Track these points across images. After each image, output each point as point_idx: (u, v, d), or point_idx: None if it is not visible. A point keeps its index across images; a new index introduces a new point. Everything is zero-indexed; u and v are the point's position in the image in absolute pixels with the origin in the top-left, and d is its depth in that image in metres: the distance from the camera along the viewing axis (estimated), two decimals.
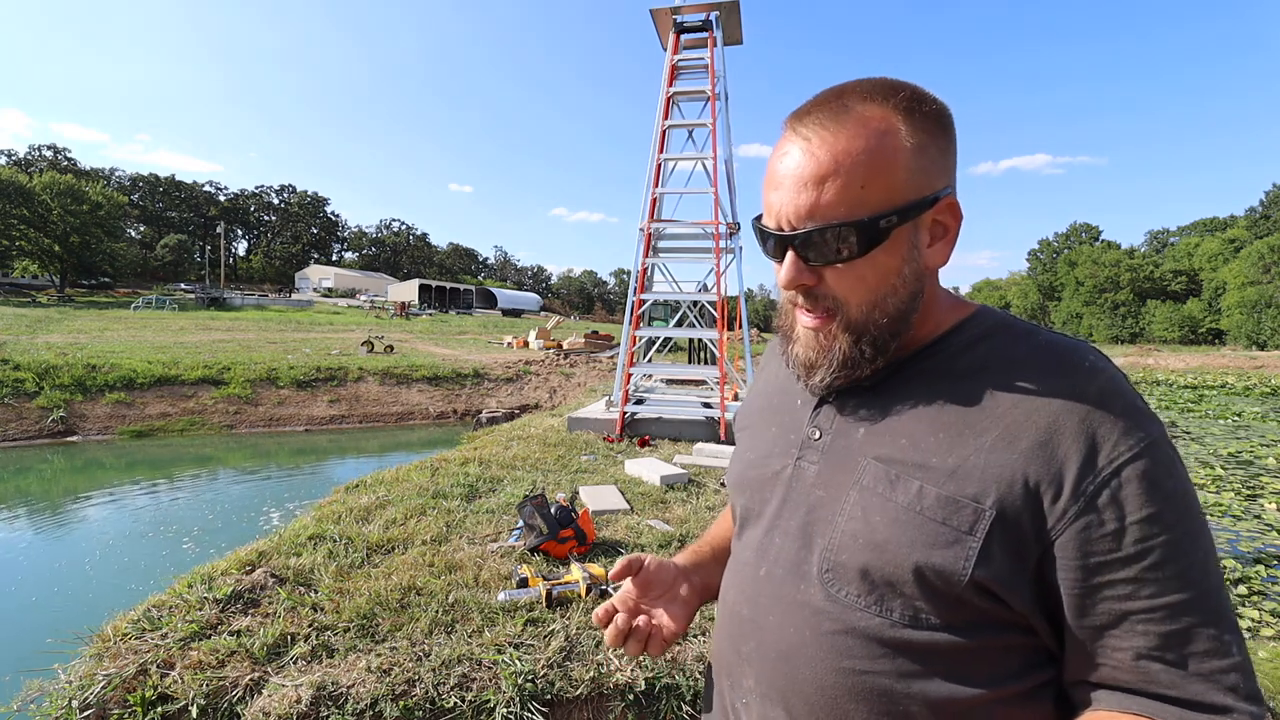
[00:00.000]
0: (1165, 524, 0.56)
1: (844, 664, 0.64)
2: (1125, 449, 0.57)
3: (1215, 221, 65.23)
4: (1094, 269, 58.50)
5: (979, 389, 0.64)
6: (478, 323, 39.00)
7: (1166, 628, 0.55)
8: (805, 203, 0.62)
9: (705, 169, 7.85)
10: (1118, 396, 0.60)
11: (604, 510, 4.22)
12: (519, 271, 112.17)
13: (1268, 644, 3.37)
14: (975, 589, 0.59)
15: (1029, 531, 0.58)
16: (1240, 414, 12.82)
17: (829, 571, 0.66)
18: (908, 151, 0.62)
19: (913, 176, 0.62)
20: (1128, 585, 0.56)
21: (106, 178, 68.74)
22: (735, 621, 0.76)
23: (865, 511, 0.65)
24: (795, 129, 0.64)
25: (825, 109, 0.63)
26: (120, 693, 2.14)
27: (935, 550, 0.60)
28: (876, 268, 0.64)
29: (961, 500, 0.60)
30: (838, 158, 0.61)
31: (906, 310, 0.66)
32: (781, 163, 0.64)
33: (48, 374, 12.53)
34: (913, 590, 0.61)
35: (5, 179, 36.80)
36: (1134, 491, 0.56)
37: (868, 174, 0.61)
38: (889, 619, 0.63)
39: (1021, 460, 0.58)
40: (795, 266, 0.65)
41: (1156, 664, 0.55)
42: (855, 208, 0.61)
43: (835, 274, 0.65)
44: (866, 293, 0.65)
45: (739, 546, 0.81)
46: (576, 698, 2.23)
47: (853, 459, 0.68)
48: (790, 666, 0.67)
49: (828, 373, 0.69)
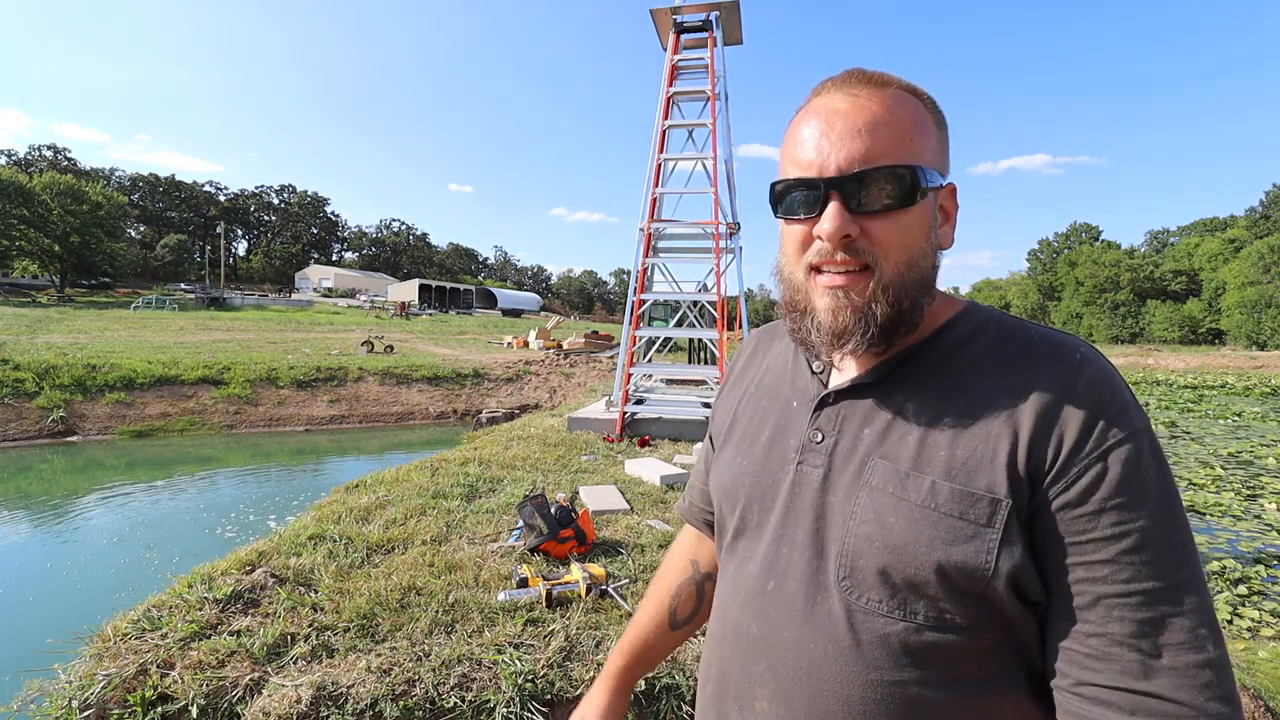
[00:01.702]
0: (1145, 511, 0.56)
1: (870, 675, 0.62)
2: (1112, 435, 0.58)
3: (1215, 221, 65.18)
4: (1094, 269, 58.47)
5: (978, 382, 0.65)
6: (478, 323, 39.00)
7: (1141, 614, 0.55)
8: (860, 147, 0.62)
9: (705, 169, 7.86)
10: (1106, 387, 0.61)
11: (604, 510, 4.22)
12: (519, 271, 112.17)
13: (1268, 644, 3.37)
14: (999, 582, 0.59)
15: (1026, 516, 0.59)
16: (1240, 414, 12.82)
17: (847, 579, 0.64)
18: (934, 129, 0.67)
19: (937, 151, 0.67)
20: (1104, 566, 0.56)
21: (106, 178, 68.75)
22: (743, 641, 0.72)
23: (879, 513, 0.64)
24: (839, 88, 0.66)
25: (866, 78, 0.66)
26: (120, 693, 2.14)
27: (956, 546, 0.59)
28: (914, 224, 0.65)
29: (976, 493, 0.60)
30: (890, 108, 0.64)
31: (929, 281, 0.67)
32: (825, 117, 0.65)
33: (48, 374, 12.52)
34: (936, 590, 0.60)
35: (5, 179, 36.79)
36: (1116, 475, 0.57)
37: (914, 130, 0.64)
38: (914, 623, 0.61)
39: (1023, 449, 0.60)
40: (841, 214, 0.63)
41: (1130, 652, 0.55)
42: (905, 156, 0.63)
43: (880, 224, 0.63)
44: (905, 249, 0.64)
45: (735, 561, 0.77)
46: (576, 698, 2.23)
47: (859, 459, 0.67)
48: (812, 684, 0.64)
49: (862, 338, 0.65)
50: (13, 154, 62.52)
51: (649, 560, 3.32)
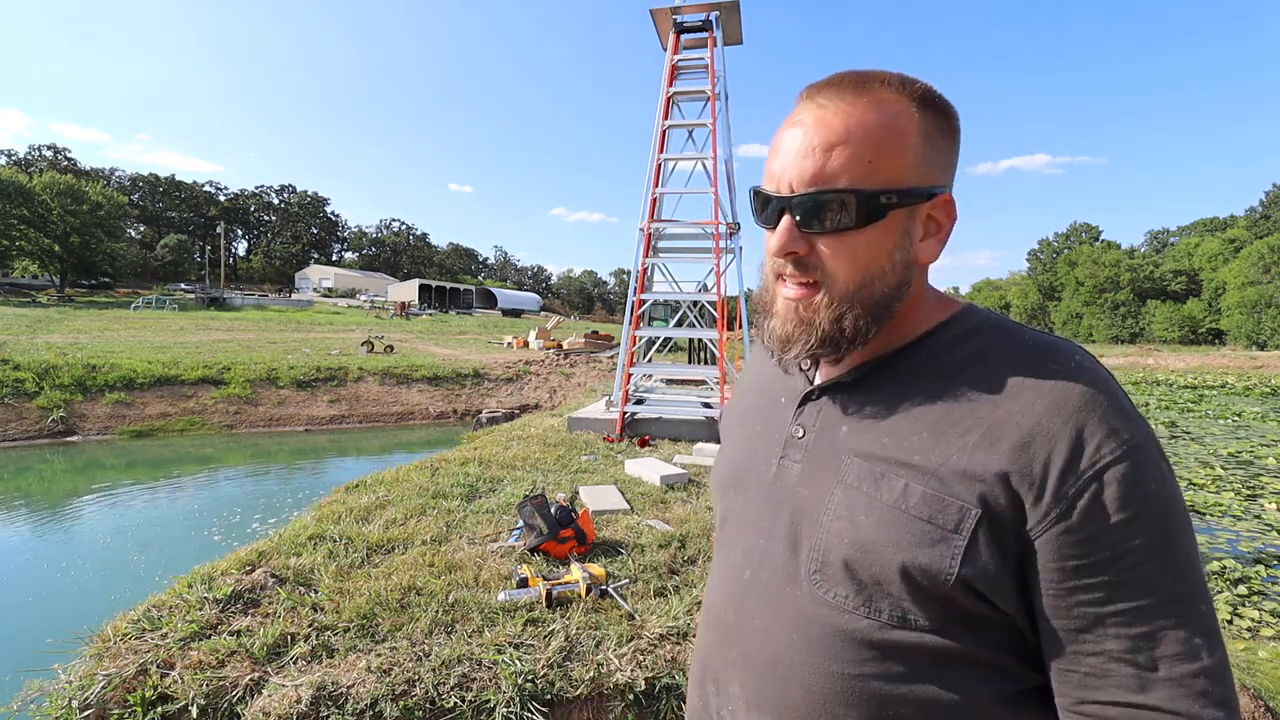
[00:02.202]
0: (1142, 529, 0.55)
1: (833, 668, 0.63)
2: (1108, 451, 0.56)
3: (1215, 221, 65.14)
4: (1094, 269, 58.44)
5: (963, 386, 0.64)
6: (478, 323, 39.00)
7: (1136, 630, 0.55)
8: (811, 167, 0.62)
9: (705, 169, 7.86)
10: (1102, 397, 0.59)
11: (604, 510, 4.22)
12: (519, 271, 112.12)
13: (1268, 644, 3.37)
14: (962, 588, 0.59)
15: (1010, 531, 0.58)
16: (1240, 414, 12.81)
17: (816, 573, 0.65)
18: (917, 138, 0.63)
19: (918, 163, 0.63)
20: (1102, 589, 0.56)
21: (106, 178, 68.68)
22: (720, 627, 0.74)
23: (851, 510, 0.64)
24: (812, 98, 0.65)
25: (844, 83, 0.64)
26: (120, 693, 2.14)
27: (921, 549, 0.59)
28: (869, 245, 0.63)
29: (946, 499, 0.59)
30: (850, 128, 0.61)
31: (890, 298, 0.66)
32: (792, 129, 0.64)
33: (48, 374, 12.52)
34: (900, 590, 0.61)
35: (5, 179, 36.77)
36: (1114, 495, 0.55)
37: (877, 149, 0.61)
38: (878, 620, 0.62)
39: (1005, 459, 0.58)
40: (790, 232, 0.64)
41: (1127, 667, 0.55)
42: (860, 179, 0.61)
43: (828, 244, 0.64)
44: (855, 269, 0.64)
45: (723, 550, 0.80)
46: (576, 698, 2.23)
47: (836, 457, 0.68)
48: (778, 672, 0.66)
49: (804, 348, 0.67)
50: (13, 154, 62.49)
51: (649, 560, 3.32)
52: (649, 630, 2.58)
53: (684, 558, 3.43)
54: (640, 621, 2.65)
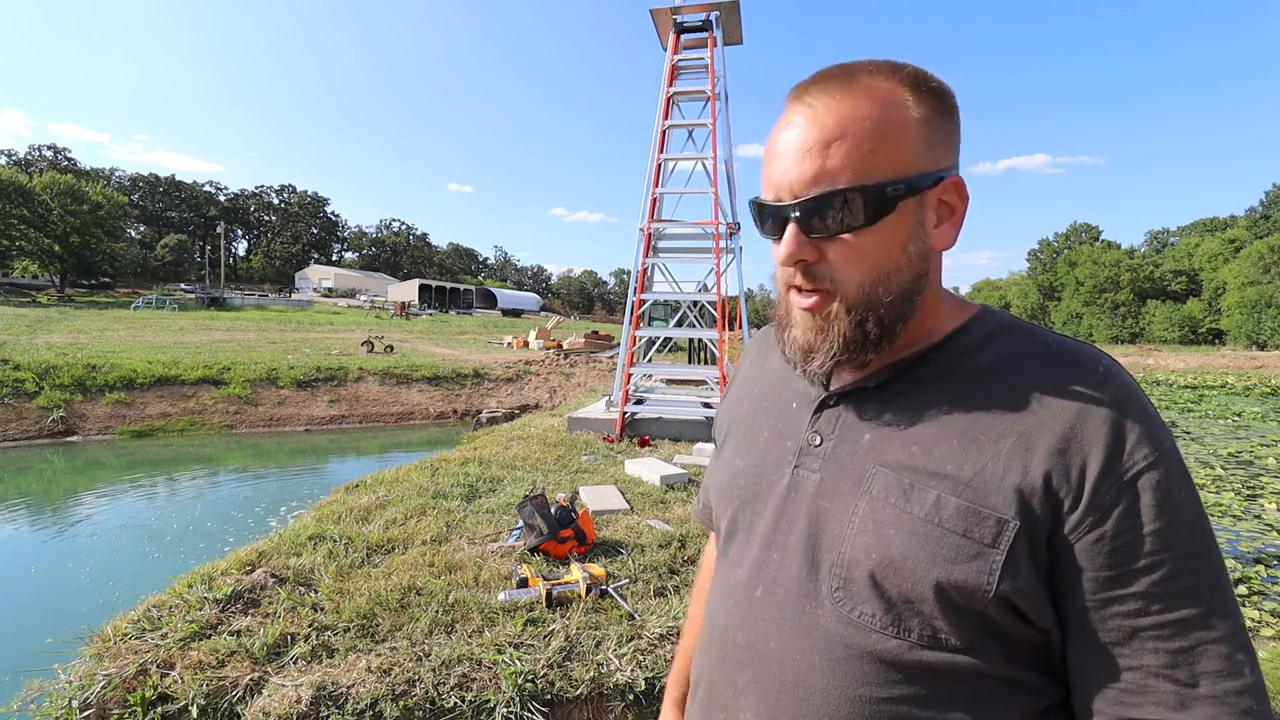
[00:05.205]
0: (1178, 538, 0.54)
1: (859, 692, 0.59)
2: (1141, 458, 0.55)
3: (1215, 221, 65.12)
4: (1094, 269, 58.45)
5: (991, 392, 0.61)
6: (478, 323, 39.00)
7: (1176, 644, 0.53)
8: (810, 169, 0.59)
9: (705, 169, 7.86)
10: (1133, 403, 0.58)
11: (604, 510, 4.22)
12: (519, 271, 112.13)
13: (1268, 644, 3.37)
14: (999, 604, 0.56)
15: (1043, 540, 0.56)
16: (1240, 414, 12.82)
17: (840, 590, 0.62)
18: (915, 122, 0.60)
19: (919, 149, 0.60)
20: (1139, 600, 0.54)
21: (106, 178, 68.72)
22: (729, 649, 0.69)
23: (878, 524, 0.61)
24: (800, 98, 0.62)
25: (831, 78, 0.61)
26: (120, 693, 2.14)
27: (957, 565, 0.57)
28: (881, 242, 0.60)
29: (983, 511, 0.57)
30: (845, 122, 0.59)
31: (911, 290, 0.63)
32: (784, 133, 0.61)
33: (48, 374, 12.53)
34: (932, 608, 0.58)
35: (5, 179, 36.77)
36: (1149, 502, 0.54)
37: (875, 139, 0.58)
38: (907, 640, 0.59)
39: (1039, 467, 0.56)
40: (796, 239, 0.61)
41: (1166, 683, 0.53)
42: (862, 173, 0.58)
43: (838, 249, 0.61)
44: (869, 270, 0.61)
45: (727, 564, 0.75)
46: (576, 698, 2.23)
47: (860, 466, 0.64)
48: (798, 697, 0.62)
49: (827, 356, 0.64)
50: (13, 154, 62.54)
51: (649, 560, 3.32)
52: (649, 630, 2.58)
53: (684, 558, 3.43)
54: (640, 621, 2.65)
